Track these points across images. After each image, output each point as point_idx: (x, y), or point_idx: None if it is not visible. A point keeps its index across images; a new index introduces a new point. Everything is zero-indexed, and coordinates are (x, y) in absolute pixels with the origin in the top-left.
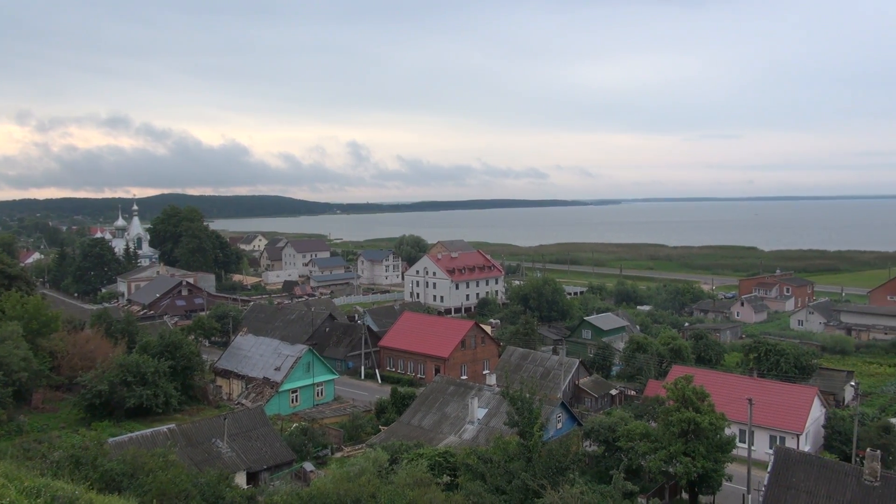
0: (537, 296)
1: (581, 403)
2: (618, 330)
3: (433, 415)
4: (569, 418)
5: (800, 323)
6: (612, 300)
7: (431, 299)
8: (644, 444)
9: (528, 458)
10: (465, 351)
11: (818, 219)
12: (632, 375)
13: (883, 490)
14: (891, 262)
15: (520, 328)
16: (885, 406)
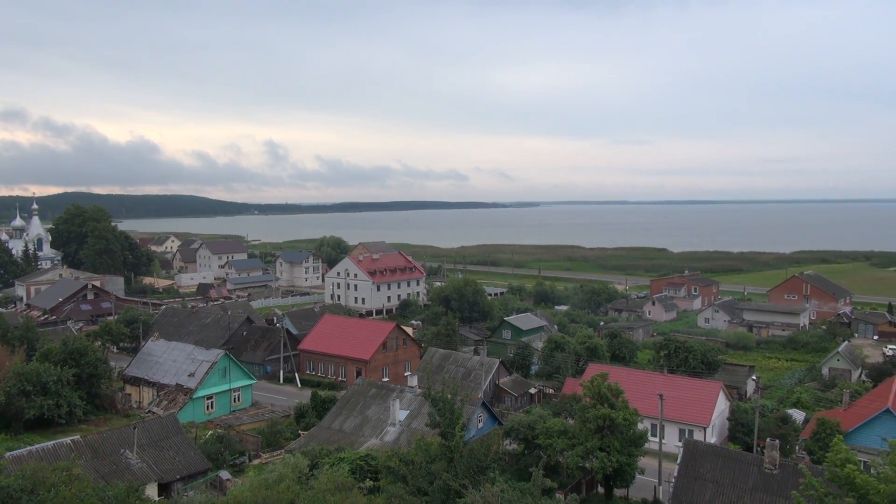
0: (458, 297)
1: (501, 403)
2: (536, 330)
3: (354, 418)
4: (490, 418)
5: (706, 321)
6: (532, 300)
7: (353, 301)
8: (562, 441)
9: (449, 458)
10: (387, 353)
11: (723, 222)
12: (550, 374)
13: (781, 476)
14: (787, 263)
15: (441, 329)
16: (783, 398)
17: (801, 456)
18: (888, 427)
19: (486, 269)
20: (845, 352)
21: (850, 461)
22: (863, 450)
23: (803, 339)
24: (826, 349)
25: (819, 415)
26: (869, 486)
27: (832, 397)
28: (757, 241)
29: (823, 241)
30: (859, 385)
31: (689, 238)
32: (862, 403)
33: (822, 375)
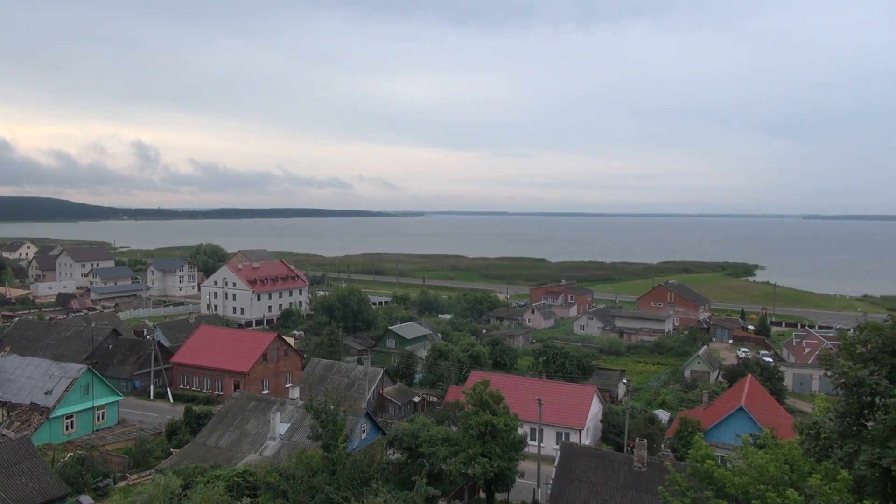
0: (342, 306)
1: (385, 412)
2: (421, 338)
3: (232, 433)
4: (373, 428)
5: (582, 328)
6: (416, 309)
7: (231, 311)
8: (445, 449)
9: (332, 470)
10: (267, 364)
11: (597, 233)
12: (434, 382)
13: (649, 474)
14: (654, 273)
15: (324, 339)
16: (651, 399)
17: (667, 453)
18: (742, 424)
19: (371, 278)
20: (704, 355)
21: (709, 457)
22: (720, 446)
23: (668, 343)
24: (688, 353)
25: (682, 414)
26: (725, 478)
27: (693, 398)
28: (628, 252)
29: (686, 252)
30: (717, 386)
31: (567, 249)
32: (719, 403)
33: (684, 377)
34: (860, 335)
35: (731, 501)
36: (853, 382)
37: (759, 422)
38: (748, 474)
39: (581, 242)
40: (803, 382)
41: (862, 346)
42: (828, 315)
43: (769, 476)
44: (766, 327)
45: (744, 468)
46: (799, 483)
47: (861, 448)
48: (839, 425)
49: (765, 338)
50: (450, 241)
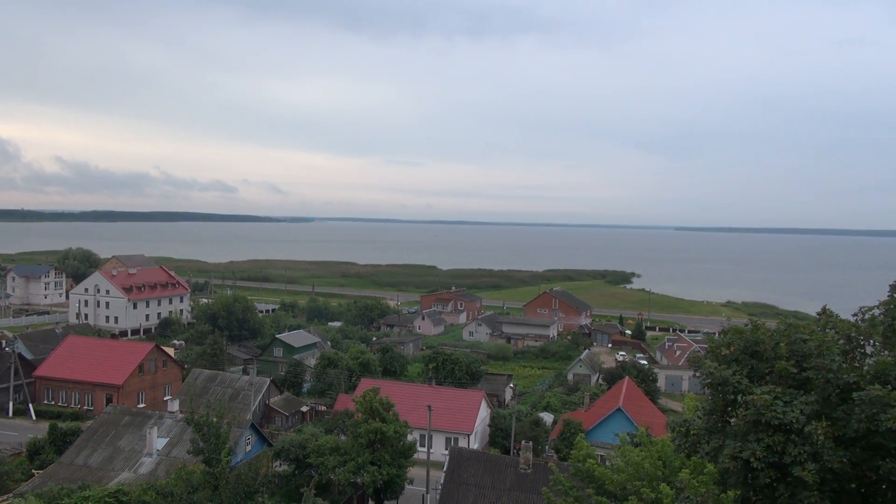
0: (227, 314)
1: (272, 423)
2: (309, 346)
3: (103, 450)
4: (259, 439)
5: (470, 334)
6: (305, 317)
7: (104, 321)
8: (334, 458)
9: (214, 486)
10: (144, 377)
11: (486, 242)
12: (323, 391)
13: (534, 475)
14: (540, 280)
15: (207, 349)
16: (536, 403)
17: (550, 454)
18: (620, 423)
19: (258, 285)
20: (586, 359)
21: (590, 456)
22: (601, 445)
23: (553, 348)
24: (571, 357)
25: (565, 416)
26: (605, 476)
27: (576, 400)
28: (515, 260)
29: (569, 261)
30: (597, 388)
31: (456, 256)
32: (599, 404)
33: (567, 381)
34: (724, 338)
35: (611, 498)
36: (718, 382)
37: (635, 421)
38: (625, 471)
39: (471, 250)
40: (675, 383)
41: (726, 349)
42: (696, 320)
43: (644, 472)
44: (641, 332)
45: (621, 466)
46: (671, 478)
47: (725, 443)
48: (706, 422)
49: (640, 342)
50: (340, 247)
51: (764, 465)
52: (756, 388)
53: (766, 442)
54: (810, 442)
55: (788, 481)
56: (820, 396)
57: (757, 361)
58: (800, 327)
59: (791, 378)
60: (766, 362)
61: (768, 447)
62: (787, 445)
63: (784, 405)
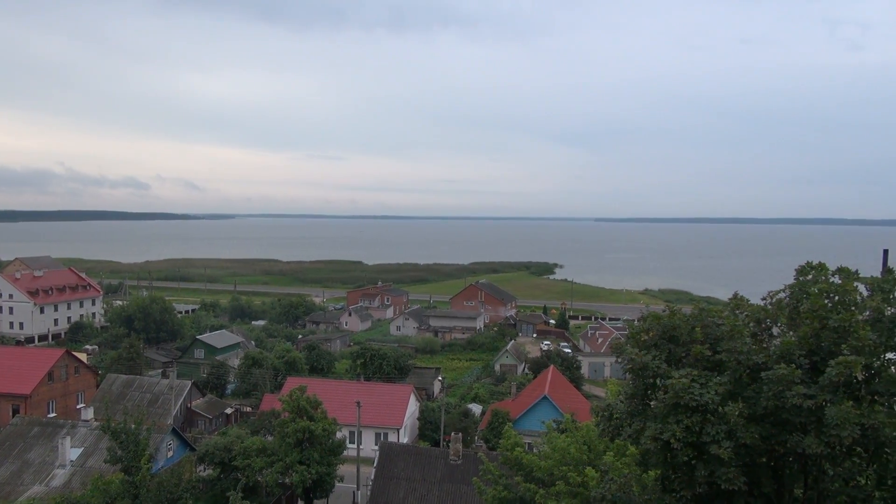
0: (144, 316)
1: (195, 427)
2: (233, 347)
3: (11, 464)
4: (181, 444)
5: (398, 328)
6: (227, 317)
7: (7, 327)
8: (261, 460)
9: (134, 494)
10: (54, 385)
11: (411, 236)
12: (248, 392)
13: (464, 466)
14: (466, 273)
15: (123, 353)
16: (464, 394)
17: (480, 445)
18: (546, 411)
19: (176, 285)
20: (512, 349)
21: (518, 444)
22: (528, 433)
23: (480, 340)
24: (497, 348)
25: (493, 406)
26: (533, 463)
27: (503, 390)
28: (441, 254)
29: (494, 253)
30: (523, 377)
31: (382, 251)
32: (526, 393)
33: (495, 371)
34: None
35: (539, 484)
36: (639, 367)
37: (560, 408)
38: (552, 457)
39: (397, 245)
40: (597, 369)
41: (645, 335)
42: (617, 308)
43: (571, 457)
44: (565, 321)
45: (549, 452)
46: (596, 461)
47: (646, 425)
48: (628, 406)
49: (564, 331)
50: (262, 244)
51: (683, 444)
52: (674, 371)
53: (684, 423)
54: (725, 421)
55: (706, 459)
56: (732, 377)
57: (674, 346)
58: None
59: (706, 361)
60: (682, 346)
61: (687, 428)
62: (704, 425)
63: (700, 387)
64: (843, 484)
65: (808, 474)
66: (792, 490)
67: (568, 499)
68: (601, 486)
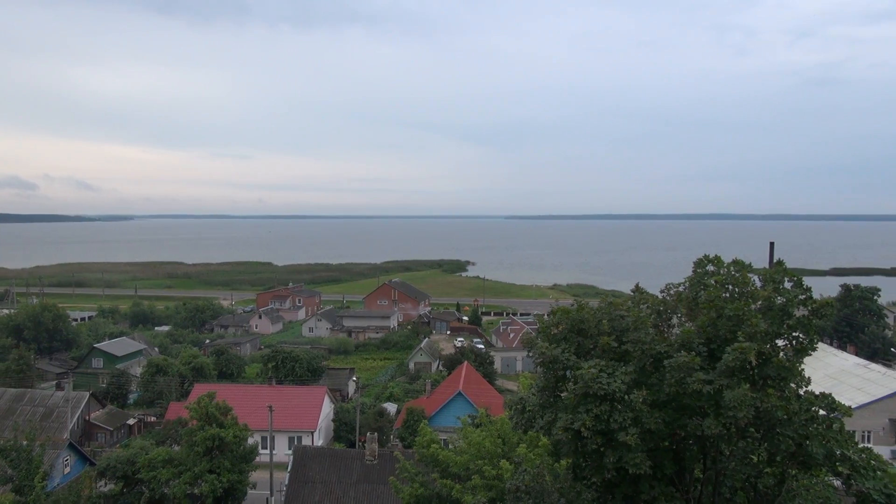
0: (34, 325)
1: (94, 440)
2: (134, 354)
3: None
4: (79, 459)
5: (311, 330)
6: (128, 323)
7: None
8: (167, 471)
9: None
10: None
11: (322, 235)
12: (152, 401)
13: (381, 466)
14: (379, 272)
15: (11, 365)
16: (379, 394)
17: (395, 444)
18: (461, 407)
19: (71, 291)
20: (426, 347)
21: (433, 441)
22: (443, 429)
23: (394, 339)
24: (412, 346)
25: (408, 405)
26: (448, 459)
27: (418, 388)
28: (353, 253)
29: (407, 252)
30: (438, 374)
31: (293, 251)
32: (440, 390)
33: (409, 370)
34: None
35: (455, 479)
36: (549, 360)
37: (475, 403)
38: (468, 452)
39: (307, 245)
40: (510, 364)
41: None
42: (527, 303)
43: (485, 451)
44: (477, 317)
45: (464, 447)
46: (510, 453)
47: (557, 416)
48: (540, 398)
49: (477, 327)
50: (165, 246)
51: (592, 433)
52: (583, 362)
53: (594, 412)
54: (631, 408)
55: (614, 446)
56: (637, 366)
57: (583, 338)
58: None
59: (613, 352)
60: (590, 339)
61: (596, 417)
62: (612, 413)
63: (608, 377)
64: (738, 462)
65: (707, 455)
66: (692, 470)
67: (483, 492)
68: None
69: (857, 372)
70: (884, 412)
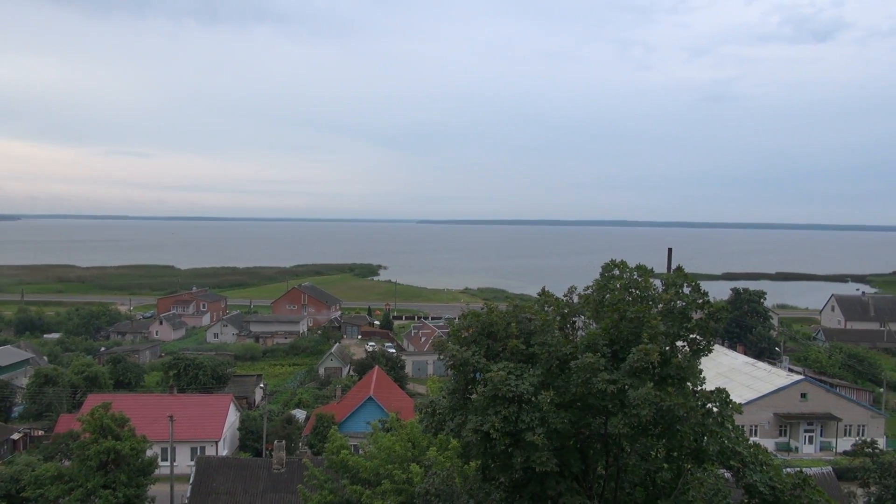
0: None
1: None
2: (19, 364)
3: None
4: None
5: (215, 336)
6: (12, 331)
7: None
8: (57, 488)
9: None
10: None
11: (228, 238)
12: (40, 413)
13: (288, 474)
14: (288, 276)
15: None
16: (288, 401)
17: (304, 451)
18: (372, 412)
19: None
20: (336, 352)
21: (343, 447)
22: (354, 435)
23: (303, 344)
24: (322, 351)
25: (317, 411)
26: (359, 464)
27: (328, 394)
28: (261, 257)
29: (317, 255)
30: (348, 379)
31: (197, 254)
32: (351, 395)
33: (319, 375)
34: (463, 322)
35: (365, 485)
36: (459, 363)
37: (385, 408)
38: (378, 457)
39: (212, 247)
40: (421, 368)
41: (465, 332)
42: (439, 307)
43: (396, 455)
44: (389, 321)
45: (374, 452)
46: (420, 457)
47: (467, 418)
48: (450, 401)
49: (388, 331)
50: (55, 248)
51: (501, 434)
52: (493, 365)
53: (503, 413)
54: (539, 409)
55: (521, 446)
56: (544, 368)
57: (492, 341)
58: (525, 308)
59: (521, 354)
60: (499, 341)
61: (505, 418)
62: (520, 414)
63: (516, 379)
64: (638, 459)
65: (610, 452)
66: (596, 468)
67: (393, 497)
68: (425, 480)
69: (745, 370)
70: (769, 407)
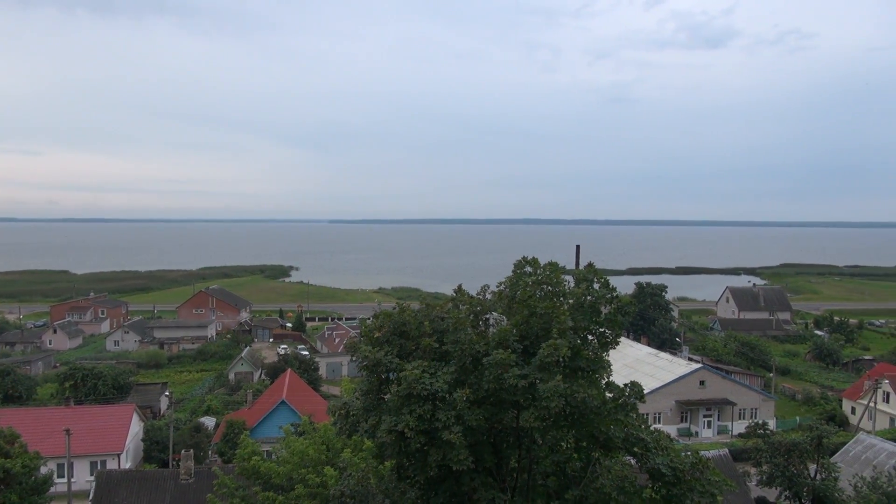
0: None
1: None
2: None
3: None
4: None
5: (116, 343)
6: None
7: None
8: None
9: None
10: None
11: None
12: None
13: (197, 484)
14: (194, 279)
15: None
16: (196, 408)
17: (214, 459)
18: (284, 416)
19: None
20: (247, 356)
21: (255, 453)
22: (266, 440)
23: (211, 349)
24: (232, 356)
25: (228, 417)
26: (271, 470)
27: (239, 399)
28: (164, 260)
29: (224, 257)
30: (260, 384)
31: (94, 258)
32: (263, 400)
33: (229, 381)
34: (376, 322)
35: (278, 491)
36: (372, 363)
37: (298, 411)
38: (291, 461)
39: (111, 250)
40: (335, 369)
41: (378, 332)
42: (353, 307)
43: (309, 459)
44: (302, 323)
45: (287, 457)
46: (334, 459)
47: (382, 418)
48: (364, 402)
49: (301, 333)
50: None
51: (416, 433)
52: (406, 364)
53: (417, 412)
54: (454, 407)
55: (437, 444)
56: (458, 366)
57: (405, 340)
58: (438, 306)
59: (434, 352)
60: (413, 340)
61: (420, 417)
62: (435, 413)
63: (430, 377)
64: (549, 451)
65: (522, 445)
66: (509, 461)
67: (307, 500)
68: (340, 482)
69: (649, 360)
70: (671, 395)
